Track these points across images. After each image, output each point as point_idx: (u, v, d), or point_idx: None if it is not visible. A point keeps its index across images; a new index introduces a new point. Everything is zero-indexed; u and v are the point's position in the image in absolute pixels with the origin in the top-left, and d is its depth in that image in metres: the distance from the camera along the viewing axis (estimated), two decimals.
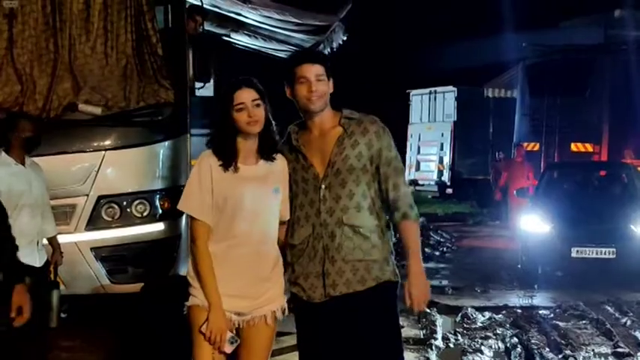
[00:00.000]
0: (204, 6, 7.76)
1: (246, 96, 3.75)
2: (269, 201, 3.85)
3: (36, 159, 5.67)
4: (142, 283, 6.08)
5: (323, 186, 3.80)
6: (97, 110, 6.00)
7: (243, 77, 3.85)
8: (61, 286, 5.80)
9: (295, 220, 3.89)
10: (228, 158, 3.77)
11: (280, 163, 3.90)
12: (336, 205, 3.79)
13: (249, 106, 3.74)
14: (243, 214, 3.78)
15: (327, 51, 10.65)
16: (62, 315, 6.26)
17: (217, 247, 3.78)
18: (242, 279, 3.80)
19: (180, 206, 3.86)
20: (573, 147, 17.73)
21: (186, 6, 6.86)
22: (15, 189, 5.28)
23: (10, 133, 5.39)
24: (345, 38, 10.35)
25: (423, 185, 26.75)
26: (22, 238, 5.07)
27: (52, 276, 5.69)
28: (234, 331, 3.80)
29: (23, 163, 5.43)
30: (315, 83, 3.77)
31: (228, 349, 3.75)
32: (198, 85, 6.62)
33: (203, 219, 3.77)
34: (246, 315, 3.82)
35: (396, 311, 3.96)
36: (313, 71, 3.78)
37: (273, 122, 3.88)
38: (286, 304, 3.94)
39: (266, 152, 3.86)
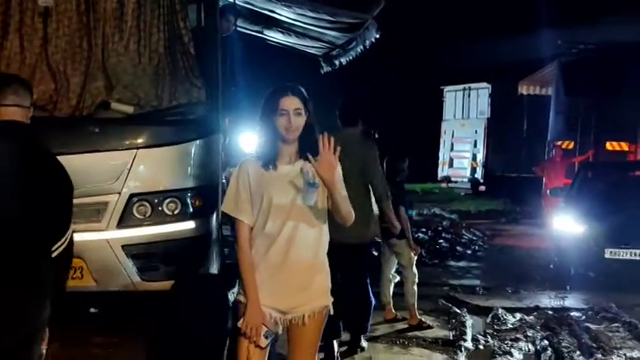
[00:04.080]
0: (238, 3, 7.79)
1: (290, 104, 3.92)
2: (302, 195, 3.92)
3: (68, 157, 5.72)
4: (173, 281, 6.11)
5: None
6: (130, 109, 6.01)
7: (290, 84, 4.02)
8: (92, 283, 5.86)
9: None
10: (267, 158, 3.96)
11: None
12: None
13: (291, 114, 3.91)
14: (275, 211, 3.92)
15: (359, 48, 10.63)
16: (92, 310, 6.36)
17: (258, 245, 3.97)
18: (276, 279, 3.97)
19: (222, 209, 4.14)
20: (608, 146, 17.55)
21: (219, 5, 6.88)
22: None
23: None
24: (377, 36, 10.30)
25: (455, 182, 26.76)
26: None
27: None
28: (281, 328, 4.03)
29: None
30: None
31: (263, 343, 3.95)
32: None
33: (240, 217, 3.99)
34: (286, 313, 3.99)
35: None
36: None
37: (316, 127, 4.05)
38: (330, 305, 4.08)
39: (305, 154, 3.98)
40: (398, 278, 8.60)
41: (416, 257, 8.42)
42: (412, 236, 8.37)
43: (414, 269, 8.40)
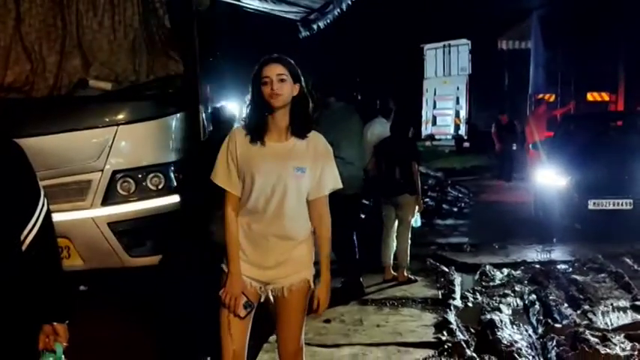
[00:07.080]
0: None
1: (272, 71, 3.86)
2: (288, 179, 3.89)
3: (49, 137, 5.70)
4: (160, 256, 6.13)
5: None
6: (108, 85, 6.00)
7: (275, 54, 3.96)
8: (80, 262, 5.88)
9: None
10: (255, 133, 3.90)
11: (313, 142, 3.97)
12: None
13: (274, 80, 3.84)
14: (258, 189, 3.88)
15: (337, 11, 10.58)
16: (82, 288, 6.37)
17: (242, 219, 3.96)
18: (258, 251, 3.97)
19: (211, 177, 4.04)
20: (589, 97, 17.64)
21: None
22: None
23: None
24: None
25: (439, 140, 26.79)
26: None
27: None
28: (262, 297, 4.02)
29: None
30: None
31: (242, 312, 3.98)
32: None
33: (230, 190, 3.97)
34: (269, 285, 4.00)
35: None
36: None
37: (310, 101, 3.99)
38: (311, 278, 4.06)
39: (297, 130, 3.93)
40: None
41: (419, 211, 8.45)
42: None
43: (411, 225, 8.43)
